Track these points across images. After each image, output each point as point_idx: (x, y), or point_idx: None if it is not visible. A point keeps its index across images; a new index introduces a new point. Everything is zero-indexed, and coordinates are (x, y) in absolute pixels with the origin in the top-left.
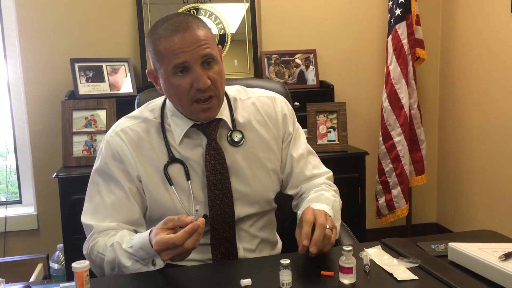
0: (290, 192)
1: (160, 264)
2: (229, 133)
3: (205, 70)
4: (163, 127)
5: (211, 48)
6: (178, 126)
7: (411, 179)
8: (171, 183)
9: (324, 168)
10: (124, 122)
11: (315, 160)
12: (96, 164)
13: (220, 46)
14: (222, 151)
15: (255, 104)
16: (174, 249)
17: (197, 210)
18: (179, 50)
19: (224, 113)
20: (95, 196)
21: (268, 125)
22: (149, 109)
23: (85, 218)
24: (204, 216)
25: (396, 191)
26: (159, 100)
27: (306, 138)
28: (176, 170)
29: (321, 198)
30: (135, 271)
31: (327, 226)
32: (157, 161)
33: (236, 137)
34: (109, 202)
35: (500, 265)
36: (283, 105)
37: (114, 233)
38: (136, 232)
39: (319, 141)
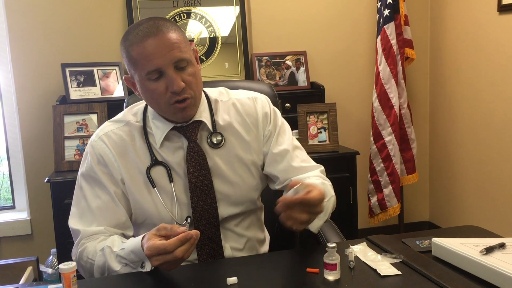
0: (278, 187)
1: (148, 267)
2: (209, 135)
3: (179, 72)
4: (145, 131)
5: (183, 51)
6: (158, 129)
7: (402, 178)
8: (153, 186)
9: (313, 163)
10: (107, 126)
11: (303, 154)
12: (82, 169)
13: (195, 47)
14: (203, 152)
15: (236, 105)
16: (164, 256)
17: (188, 221)
18: (151, 56)
19: (204, 115)
20: (81, 201)
21: (249, 126)
22: (132, 112)
23: (72, 223)
24: (187, 218)
25: (388, 190)
26: (142, 103)
27: (297, 139)
28: (159, 173)
29: (307, 180)
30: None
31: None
32: (140, 164)
33: (216, 139)
34: (95, 206)
35: (481, 259)
36: (264, 104)
37: (103, 237)
38: (124, 235)
39: (310, 142)
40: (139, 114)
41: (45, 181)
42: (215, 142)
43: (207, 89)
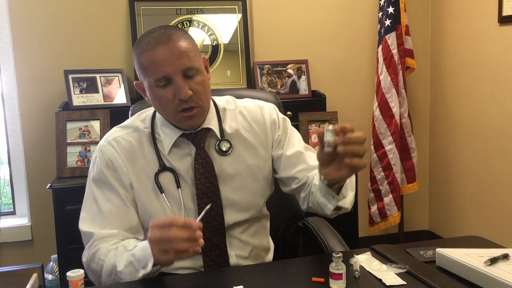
0: (294, 186)
1: (147, 268)
2: (217, 143)
3: (187, 81)
4: (153, 137)
5: (192, 59)
6: (167, 136)
7: (403, 187)
8: (161, 191)
9: None
10: (116, 131)
11: (314, 154)
12: (92, 173)
13: (205, 56)
14: (211, 160)
15: (243, 113)
16: (163, 238)
17: (207, 207)
18: (161, 64)
19: (212, 123)
20: (92, 205)
21: (256, 132)
22: (140, 119)
23: (84, 226)
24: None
25: (388, 199)
26: (150, 110)
27: None
28: (166, 179)
29: None
30: (128, 279)
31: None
32: (149, 169)
33: (224, 146)
34: (106, 210)
35: (486, 270)
36: (271, 111)
37: (116, 241)
38: (136, 240)
39: None
40: (148, 120)
41: (47, 187)
42: (223, 149)
43: (214, 98)
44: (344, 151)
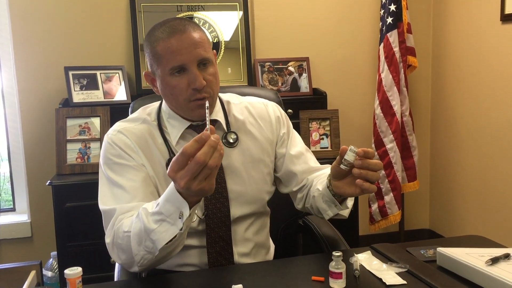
0: (295, 188)
1: (186, 213)
2: (224, 135)
3: (201, 71)
4: (161, 129)
5: (207, 50)
6: (174, 128)
7: (404, 185)
8: None
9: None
10: (123, 124)
11: (313, 156)
12: (104, 162)
13: (214, 51)
14: None
15: (248, 108)
16: (187, 166)
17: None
18: (177, 52)
19: (218, 115)
20: (112, 188)
21: (262, 128)
22: (146, 113)
23: (105, 205)
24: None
25: (389, 198)
26: (155, 104)
27: None
28: None
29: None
30: (164, 238)
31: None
32: (160, 156)
33: (231, 138)
34: (129, 186)
35: (487, 270)
36: (275, 109)
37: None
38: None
39: (312, 148)
40: (154, 114)
41: (47, 184)
42: (231, 141)
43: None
44: (358, 174)
